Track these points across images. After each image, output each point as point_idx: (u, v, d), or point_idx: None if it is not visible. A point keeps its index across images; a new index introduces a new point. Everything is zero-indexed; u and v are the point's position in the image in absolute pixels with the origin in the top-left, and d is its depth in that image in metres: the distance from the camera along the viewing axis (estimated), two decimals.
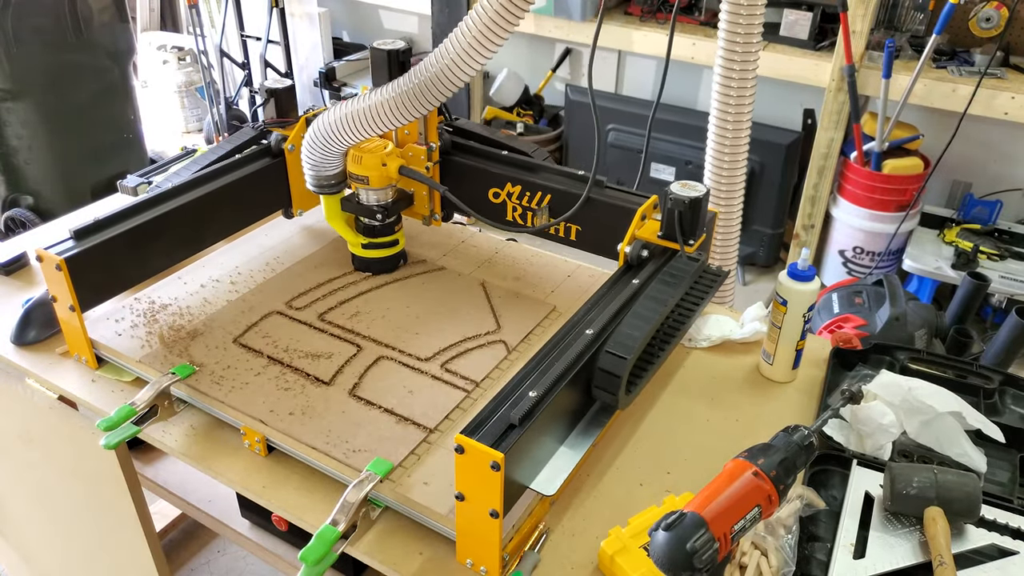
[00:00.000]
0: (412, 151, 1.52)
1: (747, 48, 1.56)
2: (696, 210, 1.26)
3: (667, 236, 1.30)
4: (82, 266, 1.30)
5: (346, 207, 1.53)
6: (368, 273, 1.57)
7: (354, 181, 1.48)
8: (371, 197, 1.49)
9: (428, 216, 1.60)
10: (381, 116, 1.29)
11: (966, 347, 2.09)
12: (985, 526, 1.09)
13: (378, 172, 1.46)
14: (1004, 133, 3.05)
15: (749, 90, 1.62)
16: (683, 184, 1.27)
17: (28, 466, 1.63)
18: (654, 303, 1.18)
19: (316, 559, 1.01)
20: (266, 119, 1.67)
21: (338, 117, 1.34)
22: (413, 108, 1.28)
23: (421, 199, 1.59)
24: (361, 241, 1.54)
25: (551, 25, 3.41)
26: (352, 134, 1.34)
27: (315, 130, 1.39)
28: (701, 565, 0.86)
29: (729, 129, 1.66)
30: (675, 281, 1.22)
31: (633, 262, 1.31)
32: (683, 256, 1.28)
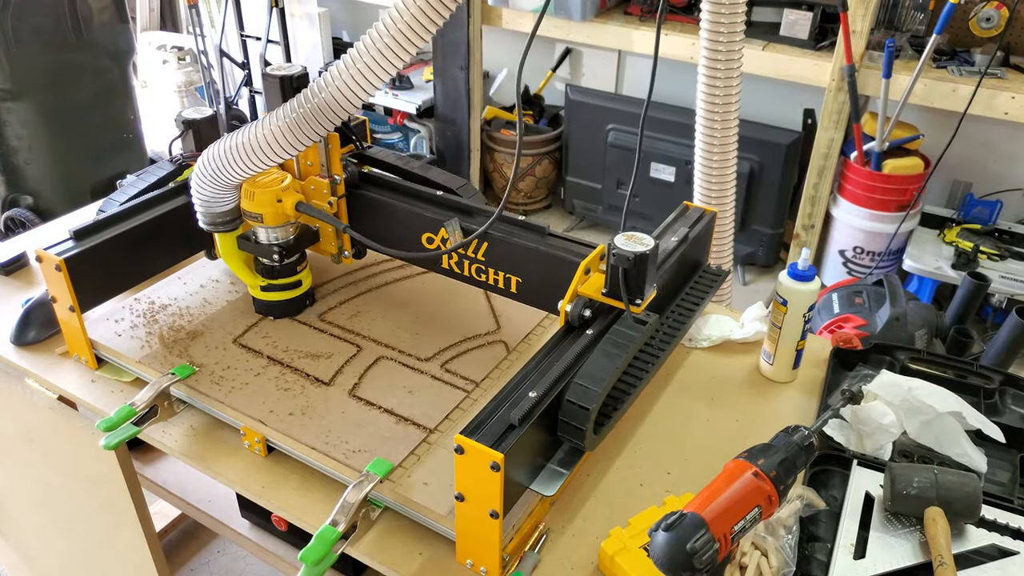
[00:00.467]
0: (314, 184, 1.39)
1: (731, 45, 1.56)
2: (642, 266, 1.10)
3: (612, 294, 1.14)
4: (82, 266, 1.30)
5: (242, 246, 1.40)
6: (269, 316, 1.44)
7: (248, 219, 1.35)
8: (269, 235, 1.37)
9: (336, 254, 1.48)
10: (270, 146, 1.18)
11: (966, 347, 2.09)
12: (985, 526, 1.09)
13: (273, 209, 1.33)
14: (1004, 133, 3.05)
15: (735, 88, 1.62)
16: (628, 236, 1.11)
17: (28, 466, 1.63)
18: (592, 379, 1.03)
19: (316, 559, 1.01)
20: (184, 152, 1.54)
21: (226, 148, 1.22)
22: (302, 135, 1.17)
23: (328, 236, 1.46)
24: (260, 283, 1.42)
25: (551, 25, 3.41)
26: (242, 166, 1.22)
27: (203, 163, 1.27)
28: (701, 565, 0.86)
29: (717, 128, 1.66)
30: (617, 352, 1.06)
31: (574, 323, 1.14)
32: (628, 318, 1.11)
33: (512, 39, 3.88)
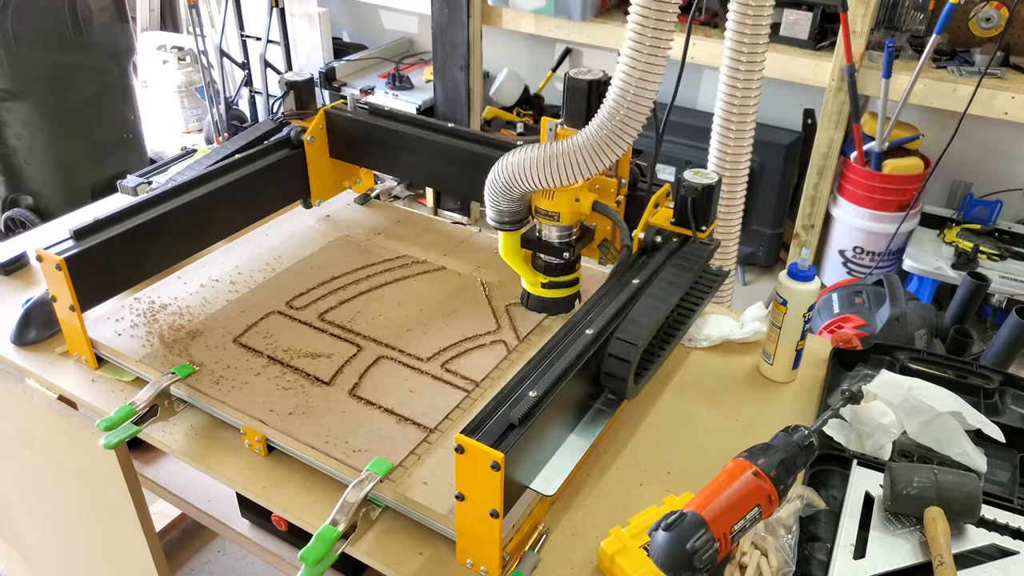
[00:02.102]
0: (600, 183, 1.41)
1: (753, 49, 1.56)
2: (708, 197, 1.28)
3: (680, 223, 1.33)
4: (82, 266, 1.30)
5: (527, 244, 1.39)
6: (544, 314, 1.45)
7: (542, 217, 1.35)
8: (555, 233, 1.37)
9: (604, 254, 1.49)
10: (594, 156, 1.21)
11: (966, 347, 2.09)
12: (985, 526, 1.09)
13: (571, 208, 1.32)
14: (1004, 133, 3.05)
15: (754, 91, 1.62)
16: (695, 172, 1.29)
17: (28, 466, 1.63)
18: (669, 286, 1.22)
19: (316, 559, 1.01)
20: (285, 111, 1.67)
21: (527, 160, 1.23)
22: (621, 143, 1.21)
23: (603, 234, 1.47)
24: (541, 280, 1.41)
25: (551, 25, 3.41)
26: (544, 179, 1.23)
27: (497, 172, 1.28)
28: (701, 565, 0.86)
29: (733, 130, 1.66)
30: (688, 265, 1.26)
31: (647, 247, 1.33)
32: (696, 242, 1.31)
33: (512, 39, 3.88)
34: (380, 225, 1.76)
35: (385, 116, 1.69)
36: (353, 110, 1.70)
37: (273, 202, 1.68)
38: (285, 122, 1.68)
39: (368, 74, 3.97)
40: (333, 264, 1.61)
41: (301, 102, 1.67)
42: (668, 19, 1.16)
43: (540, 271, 1.42)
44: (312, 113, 1.67)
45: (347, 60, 3.96)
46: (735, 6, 1.54)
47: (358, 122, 1.68)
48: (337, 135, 1.71)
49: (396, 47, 4.18)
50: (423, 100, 3.72)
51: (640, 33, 1.16)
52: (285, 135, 1.66)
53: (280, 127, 1.68)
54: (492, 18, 3.54)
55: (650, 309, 1.17)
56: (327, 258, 1.63)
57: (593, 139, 1.20)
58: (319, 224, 1.75)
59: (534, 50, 3.95)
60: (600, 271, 1.59)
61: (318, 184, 1.73)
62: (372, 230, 1.74)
